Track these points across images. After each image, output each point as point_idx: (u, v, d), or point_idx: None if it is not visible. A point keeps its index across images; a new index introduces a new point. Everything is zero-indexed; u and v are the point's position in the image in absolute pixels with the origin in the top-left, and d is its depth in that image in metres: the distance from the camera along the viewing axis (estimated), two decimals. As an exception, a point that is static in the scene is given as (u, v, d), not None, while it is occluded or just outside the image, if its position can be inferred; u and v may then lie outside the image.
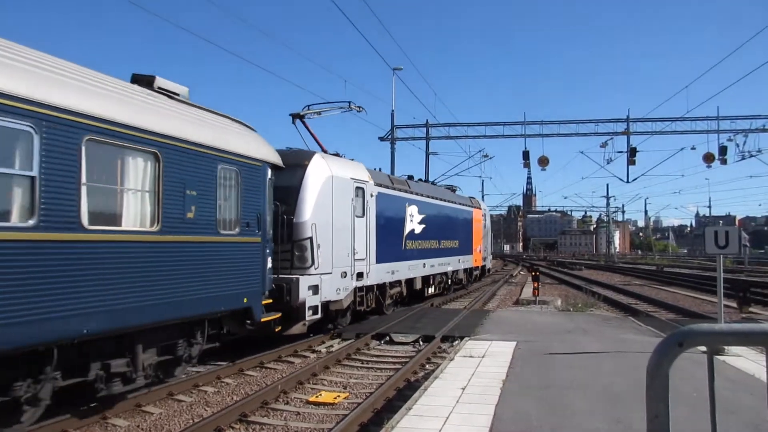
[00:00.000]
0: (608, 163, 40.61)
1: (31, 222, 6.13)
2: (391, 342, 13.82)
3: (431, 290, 22.25)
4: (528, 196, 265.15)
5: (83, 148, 6.76)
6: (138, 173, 7.83)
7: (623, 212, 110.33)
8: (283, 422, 8.00)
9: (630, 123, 38.16)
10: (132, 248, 7.54)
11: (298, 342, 12.91)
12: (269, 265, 10.72)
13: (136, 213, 7.81)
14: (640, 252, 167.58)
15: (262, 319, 10.37)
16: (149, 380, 8.45)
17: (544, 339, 12.41)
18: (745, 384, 8.26)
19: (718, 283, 10.83)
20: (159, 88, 9.12)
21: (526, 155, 38.47)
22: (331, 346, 13.40)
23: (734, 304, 21.58)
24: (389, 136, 38.11)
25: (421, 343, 13.52)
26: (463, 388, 8.21)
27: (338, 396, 9.17)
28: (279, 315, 10.99)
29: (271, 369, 11.32)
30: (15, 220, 6.03)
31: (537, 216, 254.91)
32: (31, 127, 6.13)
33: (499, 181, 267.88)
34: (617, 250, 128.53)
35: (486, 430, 6.36)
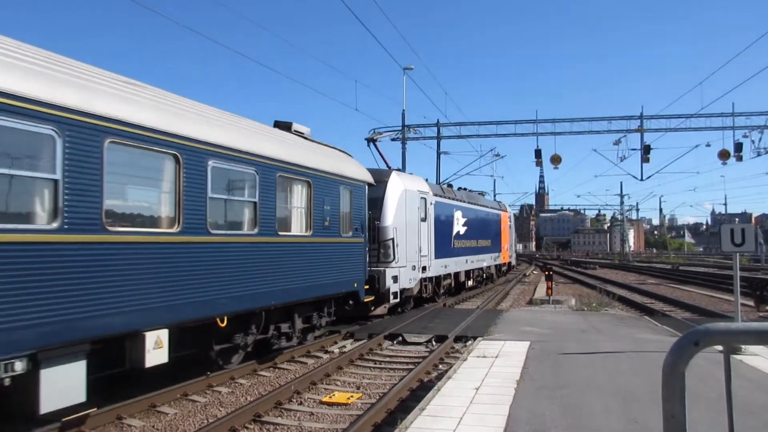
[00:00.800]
0: (622, 160, 40.60)
1: (255, 230, 9.97)
2: (404, 342, 13.83)
3: (470, 283, 26.37)
4: (540, 194, 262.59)
5: (277, 182, 10.54)
6: (301, 195, 11.62)
7: (637, 210, 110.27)
8: (296, 422, 8.04)
9: (644, 120, 37.96)
10: (299, 246, 11.32)
11: (310, 343, 12.97)
12: (367, 259, 14.48)
13: (299, 222, 11.54)
14: (655, 250, 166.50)
15: (365, 299, 14.44)
16: (299, 340, 12.30)
17: (558, 339, 12.38)
18: (763, 383, 8.19)
19: (735, 281, 10.74)
20: (295, 131, 12.74)
21: (538, 153, 38.45)
22: (344, 346, 13.45)
23: (751, 303, 21.40)
24: (399, 136, 38.18)
25: (434, 343, 13.54)
26: (477, 389, 8.20)
27: (351, 396, 9.20)
28: (373, 297, 15.37)
29: (285, 369, 11.38)
30: (248, 229, 9.90)
31: (550, 215, 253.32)
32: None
33: (510, 179, 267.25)
34: (632, 248, 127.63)
35: (501, 430, 6.34)
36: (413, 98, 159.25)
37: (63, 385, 6.43)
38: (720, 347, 2.54)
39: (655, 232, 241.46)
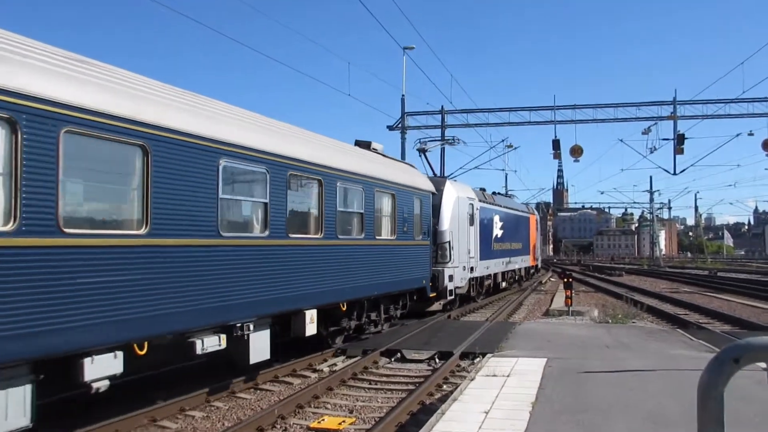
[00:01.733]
0: (652, 152, 40.81)
1: (362, 235, 14.07)
2: (403, 359, 13.83)
3: (504, 284, 31.08)
4: (559, 191, 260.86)
5: (375, 195, 14.73)
6: (388, 206, 15.84)
7: (669, 209, 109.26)
8: (280, 451, 8.00)
9: (677, 106, 37.90)
10: (388, 248, 15.55)
11: (295, 360, 12.96)
12: (431, 259, 18.93)
13: (387, 228, 15.78)
14: (689, 254, 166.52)
15: (431, 295, 18.88)
16: (383, 327, 16.50)
17: (578, 355, 12.40)
18: (813, 406, 8.19)
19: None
20: (373, 148, 16.90)
21: (556, 144, 38.38)
22: (335, 364, 13.44)
23: (800, 314, 21.39)
24: (399, 125, 38.06)
25: (437, 360, 13.55)
26: (486, 412, 8.17)
27: (344, 421, 9.18)
28: (435, 294, 19.26)
29: (267, 391, 11.35)
30: (356, 234, 13.98)
31: (569, 214, 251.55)
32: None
33: (524, 174, 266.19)
34: (663, 252, 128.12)
35: (513, 459, 6.33)
36: (414, 83, 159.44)
37: (260, 345, 10.54)
38: (763, 364, 2.53)
39: (690, 234, 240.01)
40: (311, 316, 12.01)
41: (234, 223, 10.09)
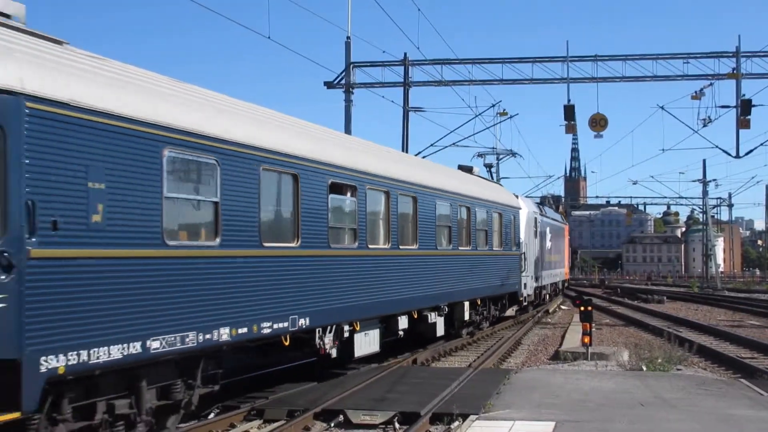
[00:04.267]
0: (705, 125, 32.52)
1: (486, 247, 21.47)
2: (347, 425, 11.05)
3: (547, 297, 36.13)
4: (573, 180, 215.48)
5: (489, 215, 21.66)
6: (497, 222, 22.22)
7: (730, 207, 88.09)
8: None
9: (740, 59, 30.45)
10: (497, 257, 22.17)
11: (193, 425, 10.09)
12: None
13: (497, 241, 22.32)
14: (758, 272, 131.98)
15: (520, 298, 25.37)
16: (488, 323, 23.07)
17: (600, 417, 10.81)
18: None
19: None
20: (476, 174, 23.22)
21: (569, 112, 30.67)
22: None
23: None
24: (342, 80, 31.04)
25: (397, 425, 10.90)
26: None
27: None
28: (521, 299, 25.91)
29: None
30: (483, 246, 21.28)
31: (588, 213, 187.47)
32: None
33: (525, 154, 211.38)
34: (721, 269, 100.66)
35: None
36: (365, 22, 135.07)
37: (440, 324, 17.61)
38: None
39: (759, 242, 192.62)
40: (466, 306, 19.69)
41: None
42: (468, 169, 22.49)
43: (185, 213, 8.76)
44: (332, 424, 10.84)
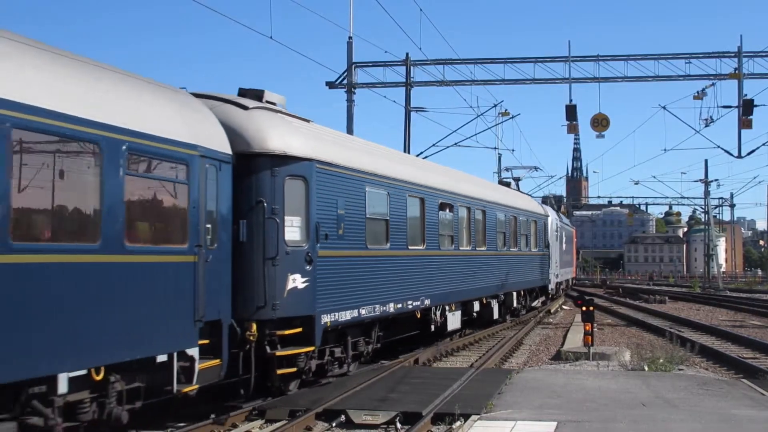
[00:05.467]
0: (707, 125, 32.25)
1: (528, 248, 28.36)
2: (349, 425, 11.05)
3: (562, 291, 41.61)
4: (575, 180, 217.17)
5: (530, 222, 28.96)
6: (534, 228, 29.15)
7: (732, 207, 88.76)
8: None
9: (743, 59, 30.36)
10: (532, 257, 28.85)
11: (193, 426, 10.04)
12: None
13: (533, 243, 28.93)
14: (760, 272, 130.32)
15: (549, 291, 33.30)
16: (525, 311, 29.30)
17: (602, 417, 10.84)
18: None
19: None
20: (516, 188, 33.48)
21: (571, 112, 30.72)
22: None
23: None
24: (344, 81, 31.11)
25: (398, 425, 10.90)
26: None
27: None
28: (550, 291, 33.78)
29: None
30: (523, 248, 27.92)
31: (589, 213, 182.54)
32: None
33: (526, 154, 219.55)
34: (723, 269, 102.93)
35: None
36: (368, 23, 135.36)
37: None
38: None
39: (762, 242, 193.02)
40: (514, 296, 25.36)
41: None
42: (507, 184, 29.43)
43: (369, 226, 13.60)
44: (334, 424, 10.86)
